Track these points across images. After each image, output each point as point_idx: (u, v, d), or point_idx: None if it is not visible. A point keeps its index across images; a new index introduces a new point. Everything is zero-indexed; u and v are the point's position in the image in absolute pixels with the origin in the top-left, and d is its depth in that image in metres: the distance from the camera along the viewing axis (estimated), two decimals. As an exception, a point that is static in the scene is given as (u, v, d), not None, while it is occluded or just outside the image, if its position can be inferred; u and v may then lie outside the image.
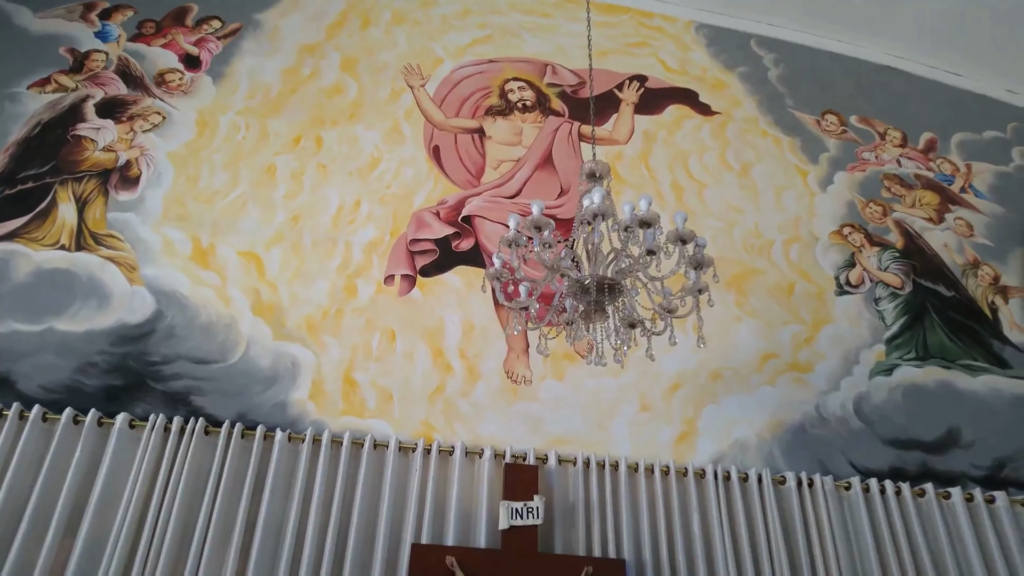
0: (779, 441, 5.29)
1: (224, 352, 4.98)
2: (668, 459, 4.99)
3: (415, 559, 4.31)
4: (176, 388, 4.81)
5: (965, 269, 6.49)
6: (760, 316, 5.85)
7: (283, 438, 4.63)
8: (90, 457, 4.38)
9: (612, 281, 3.48)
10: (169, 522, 4.23)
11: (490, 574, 4.31)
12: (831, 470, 5.17)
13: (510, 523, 4.49)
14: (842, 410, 5.50)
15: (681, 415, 5.31)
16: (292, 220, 5.68)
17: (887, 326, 5.98)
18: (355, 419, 4.92)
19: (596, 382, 5.35)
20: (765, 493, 4.93)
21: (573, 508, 4.72)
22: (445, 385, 5.19)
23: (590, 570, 4.35)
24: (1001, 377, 5.85)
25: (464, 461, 4.78)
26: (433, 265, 5.67)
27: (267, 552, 4.28)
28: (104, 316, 4.94)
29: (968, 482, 5.30)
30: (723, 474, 4.97)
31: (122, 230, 5.34)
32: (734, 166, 6.69)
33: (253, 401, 4.85)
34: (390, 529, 4.47)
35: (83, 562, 4.07)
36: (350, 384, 5.06)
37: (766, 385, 5.52)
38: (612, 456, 4.94)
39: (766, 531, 4.80)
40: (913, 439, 5.46)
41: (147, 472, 4.36)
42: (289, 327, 5.18)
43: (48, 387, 4.64)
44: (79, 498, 4.26)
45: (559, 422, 5.15)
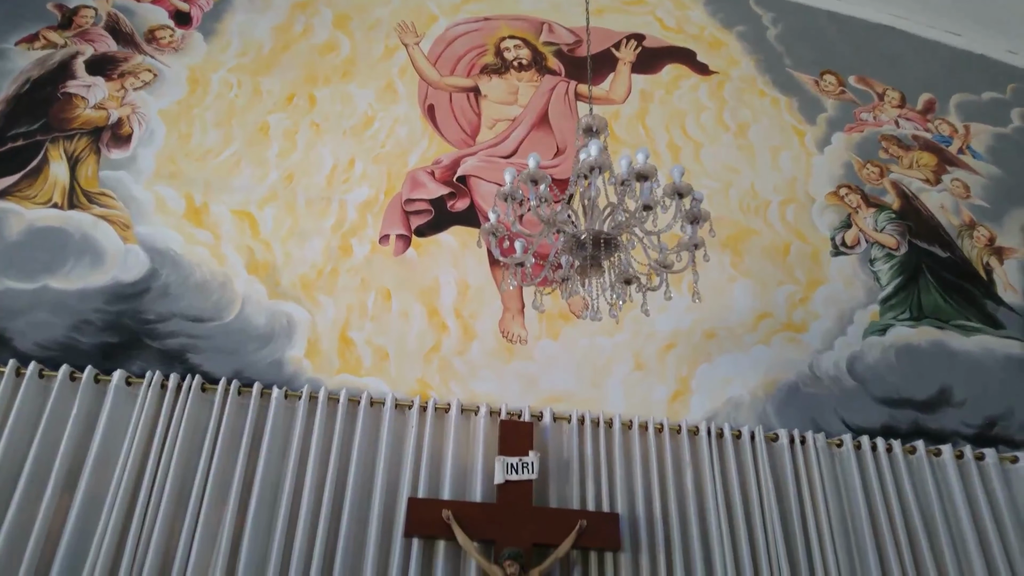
0: (772, 399, 5.33)
1: (219, 310, 4.98)
2: (662, 417, 5.03)
3: (412, 513, 4.36)
4: (172, 346, 4.81)
5: (961, 230, 6.49)
6: (755, 276, 5.86)
7: (280, 395, 4.65)
8: (87, 414, 4.40)
9: (608, 236, 3.48)
10: (167, 478, 4.26)
11: (486, 527, 4.36)
12: (823, 428, 5.22)
13: (505, 478, 4.54)
14: (835, 369, 5.54)
15: (675, 374, 5.34)
16: (286, 179, 5.65)
17: (882, 286, 6.00)
18: (351, 377, 4.94)
19: (590, 341, 5.37)
20: (758, 450, 4.98)
21: (567, 464, 4.77)
22: (440, 344, 5.20)
23: (584, 523, 4.41)
24: (994, 337, 5.89)
25: (460, 418, 4.82)
26: (428, 225, 5.66)
27: (264, 508, 4.32)
28: (98, 274, 4.92)
29: (959, 440, 5.36)
30: (716, 431, 5.02)
31: (115, 188, 5.30)
32: (731, 126, 6.65)
33: (249, 359, 4.86)
34: (387, 484, 4.51)
35: (82, 518, 4.11)
36: (346, 343, 5.07)
37: (760, 344, 5.55)
38: (606, 414, 4.98)
39: (758, 487, 4.86)
40: (905, 398, 5.51)
41: (144, 429, 4.38)
42: (284, 286, 5.17)
43: (44, 344, 4.64)
44: (77, 454, 4.28)
45: (554, 380, 5.18)
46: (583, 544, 4.40)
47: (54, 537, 4.05)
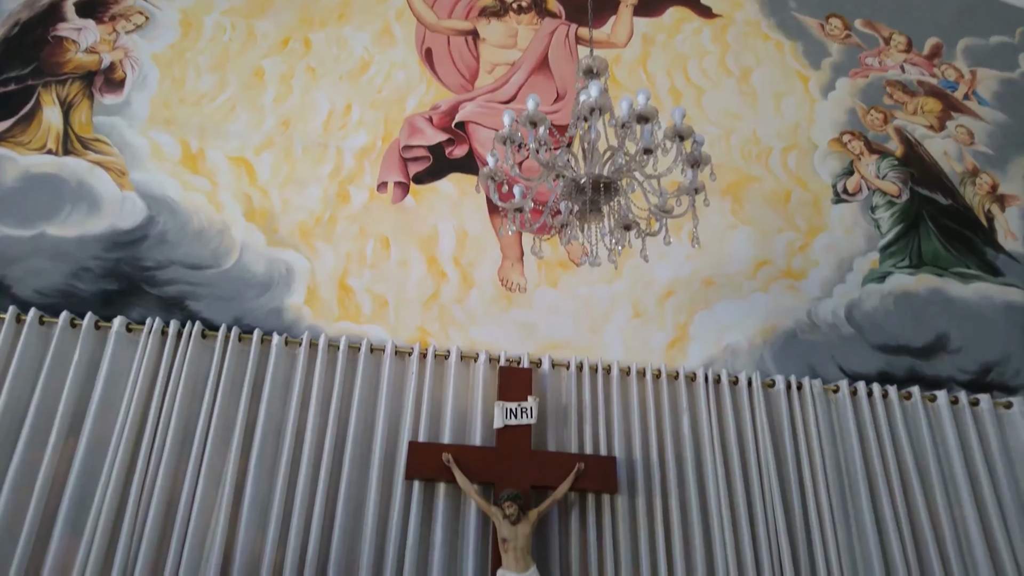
0: (770, 346, 5.36)
1: (217, 258, 4.97)
2: (660, 363, 5.07)
3: (412, 456, 4.43)
4: (171, 293, 4.81)
5: (963, 177, 6.44)
6: (755, 224, 5.83)
7: (280, 342, 4.67)
8: (89, 360, 4.43)
9: (608, 180, 3.45)
10: (170, 423, 4.31)
11: (485, 470, 4.43)
12: (820, 374, 5.26)
13: (504, 422, 4.59)
14: (833, 316, 5.56)
15: (673, 321, 5.36)
16: (282, 125, 5.58)
17: (882, 234, 5.98)
18: (351, 324, 4.96)
19: (589, 289, 5.37)
20: (754, 396, 5.03)
21: (566, 409, 4.82)
22: (440, 292, 5.21)
23: (582, 466, 4.48)
24: (993, 285, 5.89)
25: (459, 365, 4.85)
26: (426, 172, 5.61)
27: (267, 452, 4.38)
28: (95, 221, 4.90)
29: (954, 386, 5.40)
30: (713, 377, 5.06)
31: (109, 134, 5.24)
32: (734, 71, 6.54)
33: (248, 306, 4.87)
34: (388, 429, 4.57)
35: (87, 461, 4.17)
36: (345, 290, 5.07)
37: (759, 292, 5.55)
38: (604, 360, 5.01)
39: (754, 432, 4.92)
40: (902, 345, 5.54)
41: (146, 375, 4.41)
42: (282, 233, 5.15)
43: (43, 292, 4.64)
44: (80, 400, 4.32)
45: (553, 328, 5.20)
46: (581, 487, 4.47)
47: (60, 480, 4.12)
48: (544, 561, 4.28)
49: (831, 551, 4.61)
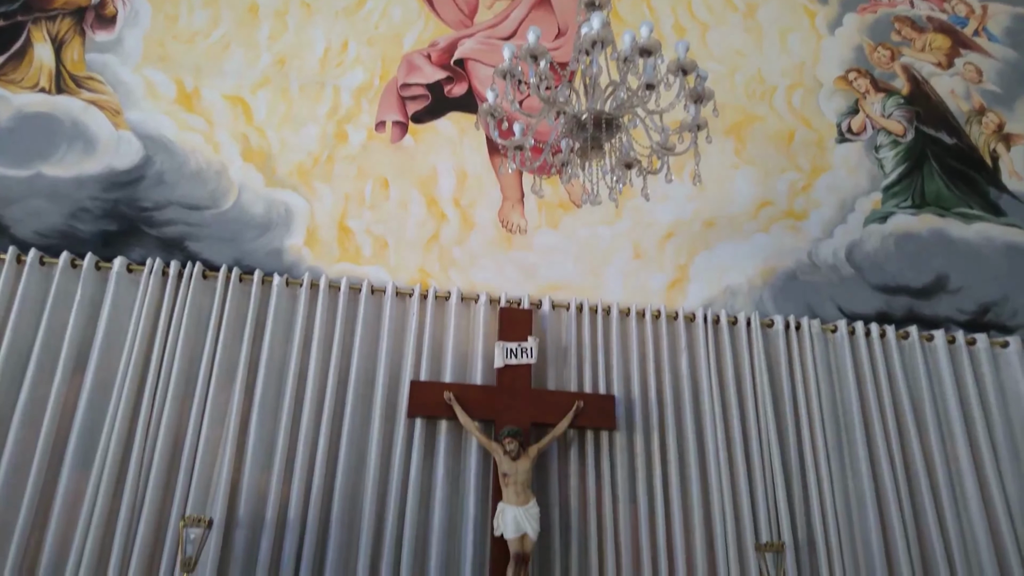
0: (770, 287, 5.37)
1: (216, 198, 4.94)
2: (659, 304, 5.08)
3: (414, 395, 4.48)
4: (170, 234, 4.80)
5: (969, 116, 6.34)
6: (758, 164, 5.78)
7: (281, 282, 4.69)
8: (91, 300, 4.45)
9: (610, 116, 3.40)
10: (173, 363, 4.36)
11: (486, 408, 4.49)
12: (819, 315, 5.28)
13: (505, 361, 4.63)
14: (834, 257, 5.55)
15: (674, 262, 5.36)
16: (278, 62, 5.48)
17: (885, 174, 5.92)
18: (351, 265, 4.96)
19: (590, 231, 5.36)
20: (753, 336, 5.06)
21: (566, 349, 4.86)
22: (440, 233, 5.19)
23: (581, 404, 4.54)
24: (995, 225, 5.86)
25: (460, 306, 4.87)
26: (425, 111, 5.53)
27: (271, 391, 4.44)
28: (92, 161, 4.86)
29: (952, 326, 5.43)
30: (712, 318, 5.08)
31: (102, 72, 5.15)
32: (739, 6, 6.38)
33: (248, 247, 4.86)
34: (389, 368, 4.61)
35: (93, 398, 4.23)
36: (344, 231, 5.06)
37: (760, 232, 5.54)
38: (604, 302, 5.03)
39: (752, 371, 4.97)
40: (902, 285, 5.54)
41: (148, 314, 4.44)
42: (280, 174, 5.11)
43: (43, 232, 4.63)
44: (83, 339, 4.36)
45: (553, 269, 5.20)
46: (580, 424, 4.54)
47: (67, 417, 4.19)
48: (543, 495, 4.38)
49: (825, 488, 4.70)
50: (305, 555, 4.09)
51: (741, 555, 4.46)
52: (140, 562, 3.94)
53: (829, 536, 4.58)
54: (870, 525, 4.63)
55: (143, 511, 4.03)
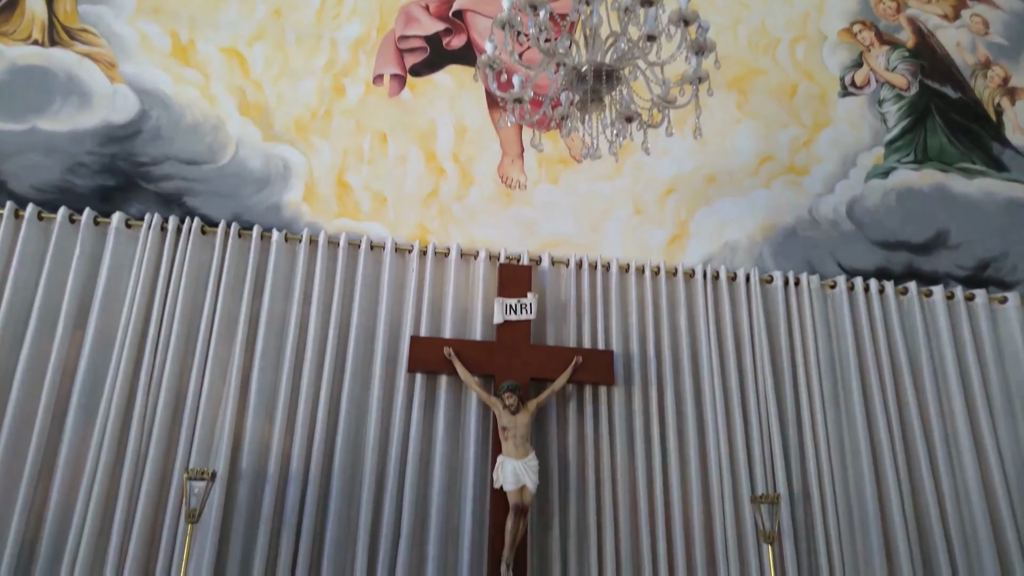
0: (769, 243, 5.36)
1: (213, 153, 4.91)
2: (659, 260, 5.09)
3: (414, 350, 4.51)
4: (168, 189, 4.78)
5: (975, 70, 6.25)
6: (760, 118, 5.72)
7: (280, 238, 4.68)
8: (90, 255, 4.45)
9: (610, 68, 3.35)
10: (174, 317, 4.38)
11: (485, 363, 4.53)
12: (818, 270, 5.29)
13: (504, 317, 4.65)
14: (834, 213, 5.53)
15: (674, 218, 5.34)
16: (273, 14, 5.38)
17: (888, 129, 5.86)
18: (350, 221, 4.95)
19: (590, 186, 5.33)
20: (752, 292, 5.07)
21: (565, 305, 4.88)
22: (439, 189, 5.17)
23: (580, 359, 4.57)
24: (997, 180, 5.83)
25: (459, 262, 4.87)
26: (424, 64, 5.45)
27: (271, 346, 4.46)
28: (87, 115, 4.81)
29: (951, 281, 5.44)
30: (712, 274, 5.09)
31: (96, 24, 5.07)
32: (744, -45, 6.25)
33: (246, 203, 4.85)
34: (389, 324, 4.63)
35: (95, 353, 4.26)
36: (343, 187, 5.03)
37: (761, 188, 5.51)
38: (604, 258, 5.03)
39: (750, 327, 4.99)
40: (902, 241, 5.53)
41: (148, 270, 4.45)
42: (278, 129, 5.07)
43: (40, 187, 4.61)
44: (84, 294, 4.38)
45: (553, 225, 5.19)
46: (578, 379, 4.58)
47: (70, 371, 4.23)
48: (542, 448, 4.44)
49: (821, 441, 4.76)
50: (308, 507, 4.16)
51: (737, 507, 4.54)
52: (145, 513, 4.01)
53: (824, 489, 4.65)
54: (865, 478, 4.69)
55: (147, 464, 4.09)
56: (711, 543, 4.46)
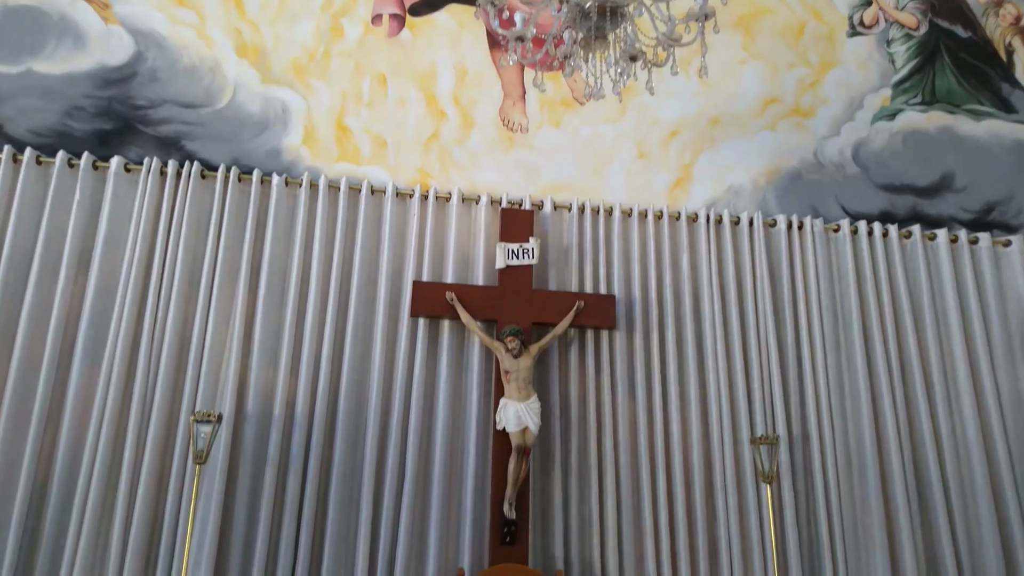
0: (774, 187, 5.32)
1: (211, 96, 4.84)
2: (662, 204, 5.06)
3: (417, 295, 4.52)
4: (167, 133, 4.73)
5: (986, 8, 6.10)
6: (766, 59, 5.61)
7: (280, 182, 4.65)
8: (90, 200, 4.43)
9: (614, 4, 3.27)
10: (176, 262, 4.38)
11: (488, 308, 4.54)
12: (822, 214, 5.26)
13: (506, 262, 4.65)
14: (840, 156, 5.47)
15: (678, 161, 5.29)
16: (268, -50, 5.24)
17: (896, 69, 5.75)
18: (350, 166, 4.91)
19: (593, 129, 5.26)
20: (755, 235, 5.05)
21: (567, 250, 4.87)
22: (439, 132, 5.11)
23: (582, 304, 4.58)
24: (1005, 122, 5.74)
25: (461, 207, 4.85)
26: (423, 3, 5.32)
27: (274, 291, 4.47)
28: (82, 57, 4.73)
29: (955, 225, 5.41)
30: (715, 218, 5.06)
31: (87, -38, 4.94)
32: None
33: (246, 147, 4.80)
34: (391, 269, 4.64)
35: (98, 298, 4.28)
36: (343, 130, 4.98)
37: (766, 130, 5.44)
38: (606, 202, 5.00)
39: (753, 271, 4.98)
40: (907, 184, 5.48)
41: (148, 215, 4.43)
42: (276, 71, 4.99)
43: (37, 131, 4.56)
44: (85, 239, 4.37)
45: (555, 169, 5.14)
46: (580, 323, 4.60)
47: (74, 316, 4.25)
48: (544, 391, 4.48)
49: (821, 383, 4.80)
50: (313, 449, 4.23)
51: (736, 448, 4.61)
52: (153, 456, 4.07)
53: (823, 430, 4.71)
54: (863, 420, 4.74)
55: (153, 407, 4.14)
56: (710, 483, 4.54)
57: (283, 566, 4.03)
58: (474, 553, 4.20)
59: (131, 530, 3.96)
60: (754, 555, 4.41)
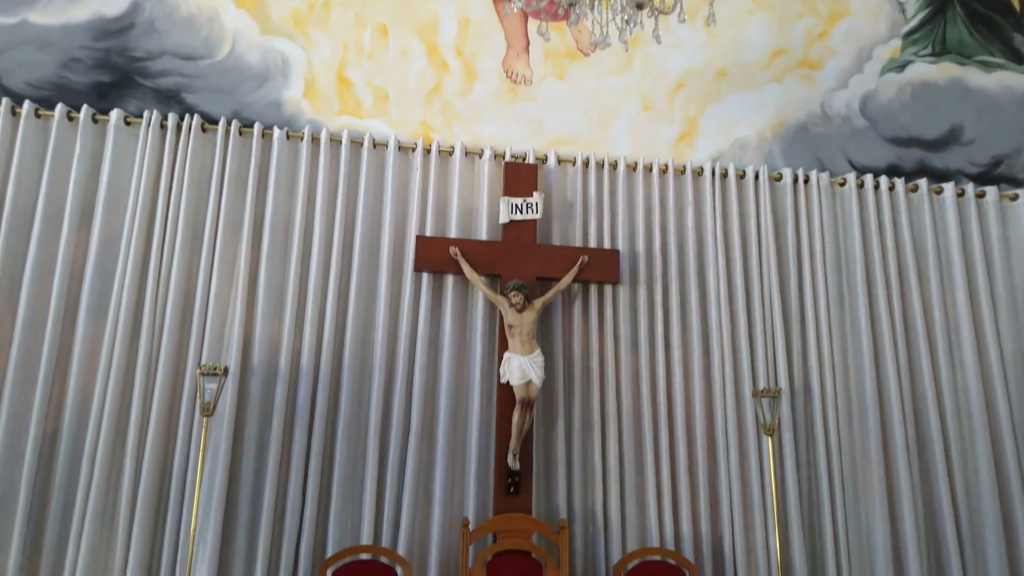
0: (780, 140, 5.26)
1: (210, 48, 4.77)
2: (667, 158, 5.01)
3: (420, 250, 4.51)
4: (166, 85, 4.67)
5: (1001, -45, 5.96)
6: (774, 8, 5.49)
7: (281, 136, 4.61)
8: (91, 153, 4.41)
9: (620, -51, 3.20)
10: (179, 217, 4.37)
11: (491, 262, 4.54)
12: (828, 168, 5.21)
13: (510, 217, 4.63)
14: (847, 108, 5.40)
15: (683, 114, 5.23)
16: None
17: (907, 19, 5.64)
18: (352, 119, 4.86)
19: (598, 81, 5.19)
20: (760, 189, 5.02)
21: (571, 205, 4.84)
22: (442, 85, 5.04)
23: (585, 259, 4.58)
24: (1016, 74, 5.64)
25: (464, 161, 4.81)
26: (425, -48, 5.21)
27: (277, 244, 4.47)
28: (79, 7, 4.65)
29: (962, 179, 5.36)
30: (720, 172, 5.02)
31: (79, -91, 4.82)
32: None
33: (246, 100, 4.75)
34: (395, 223, 4.62)
35: (102, 252, 4.28)
36: (344, 83, 4.91)
37: (773, 83, 5.36)
38: (611, 156, 4.96)
39: (757, 225, 4.96)
40: (914, 137, 5.42)
41: (150, 168, 4.41)
42: (275, 21, 4.90)
43: (35, 84, 4.51)
44: (87, 193, 4.36)
45: (559, 123, 5.09)
46: (584, 278, 4.60)
47: (78, 270, 4.26)
48: (548, 345, 4.51)
49: (824, 338, 4.81)
50: (319, 402, 4.26)
51: (738, 401, 4.64)
52: (160, 408, 4.12)
53: (825, 383, 4.74)
54: (865, 373, 4.77)
55: (160, 361, 4.17)
56: (712, 435, 4.59)
57: (291, 515, 4.09)
58: (479, 503, 4.27)
59: (141, 480, 4.02)
60: (754, 505, 4.47)
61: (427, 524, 4.25)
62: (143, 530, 3.96)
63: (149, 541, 3.99)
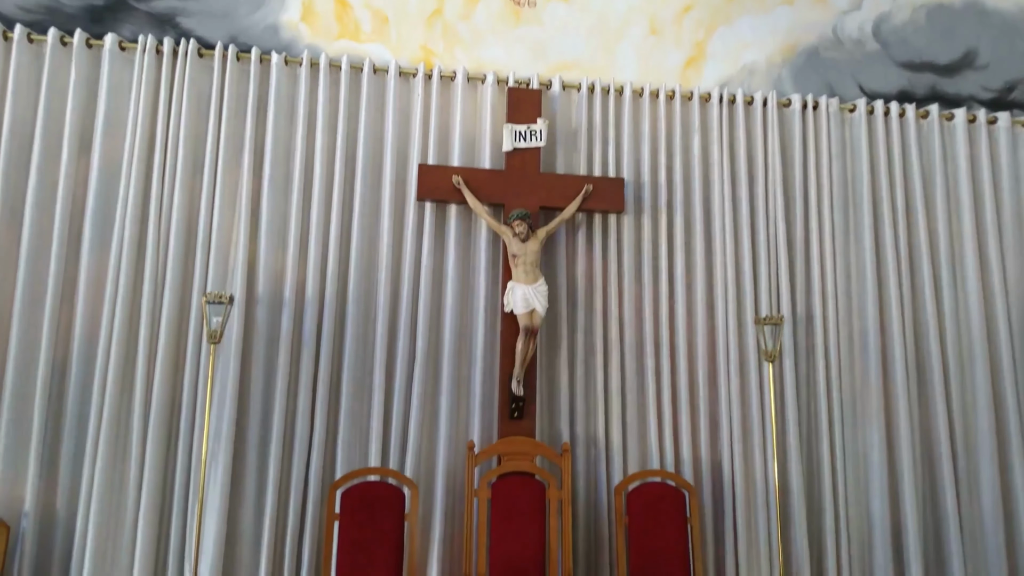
0: (789, 65, 5.14)
1: (204, -32, 4.62)
2: (674, 84, 4.91)
3: (423, 178, 4.47)
4: (160, 9, 4.55)
5: None
6: (787, -74, 5.29)
7: (279, 61, 4.51)
8: (86, 80, 4.33)
9: None
10: (178, 144, 4.33)
11: (495, 191, 4.50)
12: (839, 93, 5.11)
13: (513, 145, 4.56)
14: (859, 32, 5.25)
15: (691, 38, 5.09)
16: None
17: (925, -63, 5.44)
18: (351, 43, 4.75)
19: (603, 3, 5.05)
20: (768, 116, 4.93)
21: (575, 132, 4.77)
22: (443, 7, 4.90)
23: (590, 188, 4.54)
24: (1036, -5, 5.47)
25: (466, 87, 4.71)
26: None
27: (279, 172, 4.43)
28: (66, -74, 4.49)
29: (975, 104, 5.26)
30: (728, 98, 4.92)
31: None
32: None
33: (242, 23, 4.63)
34: (396, 151, 4.57)
35: (102, 180, 4.25)
36: (343, 5, 4.78)
37: (783, 5, 5.20)
38: (617, 81, 4.86)
39: (764, 153, 4.90)
40: (927, 61, 5.29)
41: (147, 95, 4.34)
42: (270, -60, 4.73)
43: (26, 7, 4.39)
44: (85, 120, 4.30)
45: (564, 47, 4.97)
46: (588, 207, 4.57)
47: (80, 199, 4.24)
48: (552, 274, 4.52)
49: (827, 265, 4.81)
50: (325, 330, 4.30)
51: (740, 328, 4.67)
52: (167, 336, 4.16)
53: (827, 310, 4.76)
54: (868, 300, 4.78)
55: (165, 289, 4.19)
56: (713, 361, 4.64)
57: (300, 439, 4.19)
58: (483, 428, 4.35)
59: (151, 406, 4.10)
60: (754, 430, 4.55)
61: (433, 447, 4.34)
62: (156, 454, 4.06)
63: (162, 466, 4.08)
